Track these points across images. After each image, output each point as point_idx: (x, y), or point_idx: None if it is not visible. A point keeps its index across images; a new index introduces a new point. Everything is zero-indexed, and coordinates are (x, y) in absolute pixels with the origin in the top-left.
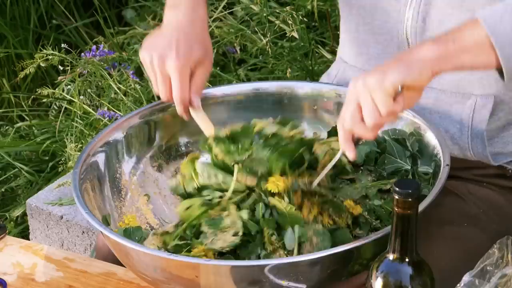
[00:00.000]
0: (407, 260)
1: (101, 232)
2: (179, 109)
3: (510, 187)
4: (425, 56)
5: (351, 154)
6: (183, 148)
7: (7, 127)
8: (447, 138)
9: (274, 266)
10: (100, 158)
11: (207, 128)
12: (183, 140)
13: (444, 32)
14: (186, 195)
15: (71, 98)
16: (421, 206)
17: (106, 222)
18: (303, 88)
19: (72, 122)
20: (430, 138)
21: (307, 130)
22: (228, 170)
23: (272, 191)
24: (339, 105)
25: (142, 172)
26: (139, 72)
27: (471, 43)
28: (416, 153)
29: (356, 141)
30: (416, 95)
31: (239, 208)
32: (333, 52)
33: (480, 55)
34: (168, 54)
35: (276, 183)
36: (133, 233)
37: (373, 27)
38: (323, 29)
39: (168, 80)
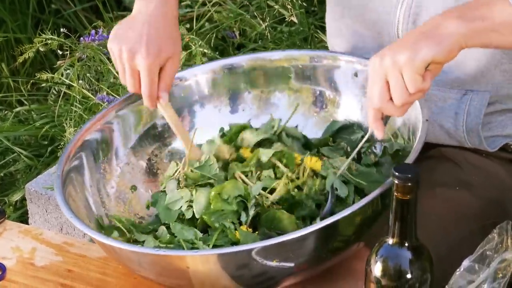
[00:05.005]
0: (406, 244)
1: (89, 235)
2: (146, 103)
3: (510, 159)
4: (454, 32)
5: (380, 134)
6: (159, 130)
7: (6, 112)
8: (442, 133)
9: (261, 249)
10: (81, 159)
11: (175, 124)
12: (159, 122)
13: (464, 2)
14: None
15: (70, 83)
16: (408, 161)
17: (98, 224)
18: (274, 56)
19: (71, 107)
20: None
21: (287, 105)
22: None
23: None
24: (315, 69)
25: (126, 163)
26: None
27: (500, 22)
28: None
29: (385, 119)
30: (439, 69)
31: None
32: None
33: (509, 35)
34: (138, 49)
35: None
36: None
37: (366, 25)
38: (322, 14)
39: (137, 73)
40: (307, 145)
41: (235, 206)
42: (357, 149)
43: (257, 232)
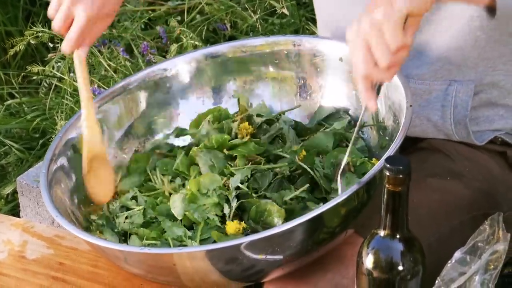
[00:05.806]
0: (398, 236)
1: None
2: (67, 47)
3: (499, 151)
4: None
5: (372, 104)
6: (144, 126)
7: None
8: (430, 126)
9: (248, 244)
10: (67, 155)
11: (85, 81)
12: (143, 119)
13: None
14: None
15: (61, 76)
16: (392, 150)
17: (87, 221)
18: (256, 42)
19: (62, 100)
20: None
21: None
22: None
23: None
24: (299, 55)
25: (113, 158)
26: (129, 49)
27: None
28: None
29: (377, 88)
30: (416, 25)
31: None
32: None
33: None
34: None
35: None
36: None
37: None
38: (313, 6)
39: (71, 18)
40: (301, 132)
41: (216, 198)
42: (358, 125)
43: (243, 222)
